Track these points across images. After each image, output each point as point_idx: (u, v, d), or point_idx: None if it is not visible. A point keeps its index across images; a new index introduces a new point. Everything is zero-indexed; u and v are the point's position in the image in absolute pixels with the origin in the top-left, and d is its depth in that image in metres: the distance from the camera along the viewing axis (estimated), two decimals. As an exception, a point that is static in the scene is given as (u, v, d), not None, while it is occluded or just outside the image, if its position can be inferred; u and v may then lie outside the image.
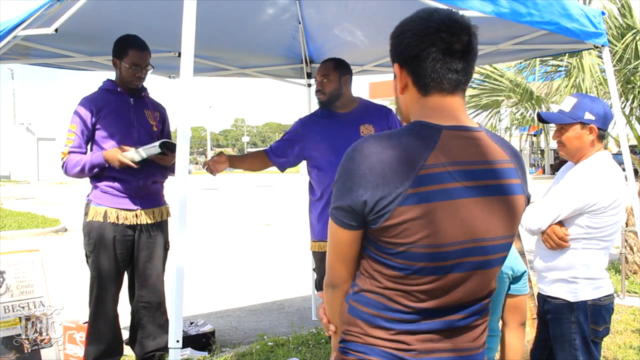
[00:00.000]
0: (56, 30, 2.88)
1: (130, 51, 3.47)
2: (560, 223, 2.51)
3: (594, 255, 2.50)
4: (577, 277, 2.49)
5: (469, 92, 6.48)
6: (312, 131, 3.71)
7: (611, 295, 2.54)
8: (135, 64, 3.49)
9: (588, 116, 2.48)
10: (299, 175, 24.63)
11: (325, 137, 3.63)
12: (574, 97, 2.56)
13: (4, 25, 3.10)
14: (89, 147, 3.55)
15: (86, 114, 3.47)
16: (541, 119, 2.67)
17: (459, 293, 1.30)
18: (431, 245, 1.24)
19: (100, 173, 3.49)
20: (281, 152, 3.77)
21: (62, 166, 3.51)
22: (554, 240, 2.50)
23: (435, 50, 1.27)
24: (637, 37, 5.50)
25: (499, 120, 6.86)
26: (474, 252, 1.28)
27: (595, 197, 2.42)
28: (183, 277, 2.33)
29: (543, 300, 2.63)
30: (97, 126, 3.50)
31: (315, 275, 3.98)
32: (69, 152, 3.47)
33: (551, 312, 2.57)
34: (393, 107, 3.77)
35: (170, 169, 3.59)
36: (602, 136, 2.54)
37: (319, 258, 3.71)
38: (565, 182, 2.54)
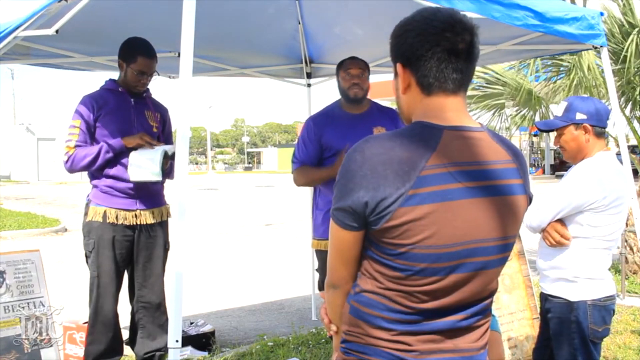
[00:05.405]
0: (57, 31, 2.88)
1: (140, 58, 3.48)
2: (562, 221, 2.52)
3: (595, 254, 2.50)
4: (578, 277, 2.50)
5: (471, 92, 6.49)
6: (326, 130, 3.65)
7: (613, 296, 2.54)
8: (142, 71, 3.51)
9: (579, 116, 2.53)
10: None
11: (339, 137, 3.59)
12: (565, 100, 2.64)
13: (5, 26, 3.10)
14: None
15: (88, 111, 3.47)
16: (541, 128, 2.75)
17: (461, 294, 1.30)
18: (433, 246, 1.24)
19: (100, 173, 3.49)
20: (315, 158, 3.69)
21: (67, 160, 3.43)
22: (554, 238, 2.51)
23: (440, 50, 1.27)
24: (637, 34, 5.49)
25: (501, 122, 6.86)
26: (476, 253, 1.28)
27: (595, 195, 2.43)
28: (183, 277, 2.33)
29: (544, 299, 2.63)
30: (97, 124, 3.49)
31: (318, 276, 3.98)
32: (75, 147, 3.44)
33: (551, 310, 2.58)
34: (394, 108, 3.76)
35: (168, 173, 3.57)
36: (599, 133, 2.56)
37: (322, 258, 3.71)
38: (566, 180, 2.56)
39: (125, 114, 3.56)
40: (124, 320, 3.72)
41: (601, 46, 3.45)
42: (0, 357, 3.37)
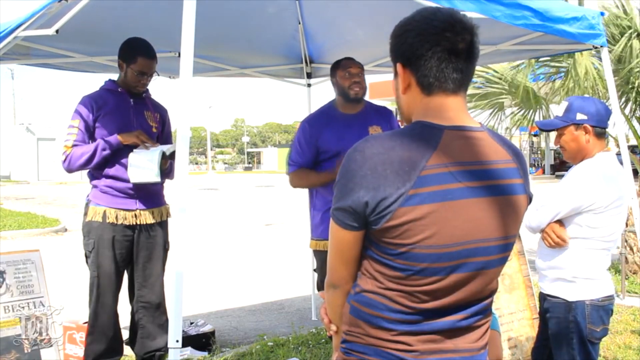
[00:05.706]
0: (57, 31, 2.88)
1: (140, 58, 3.48)
2: (561, 222, 2.52)
3: (594, 255, 2.50)
4: (576, 277, 2.50)
5: (472, 91, 6.49)
6: (322, 131, 3.65)
7: (611, 296, 2.54)
8: (142, 72, 3.51)
9: (580, 116, 2.54)
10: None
11: (336, 138, 3.59)
12: (566, 100, 2.64)
13: (5, 26, 3.10)
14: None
15: (87, 111, 3.48)
16: (541, 128, 2.77)
17: (461, 293, 1.30)
18: (433, 246, 1.24)
19: (99, 173, 3.49)
20: (312, 161, 3.68)
21: (65, 160, 3.44)
22: (552, 239, 2.52)
23: (440, 50, 1.27)
24: (634, 36, 5.49)
25: (500, 121, 6.86)
26: (476, 253, 1.28)
27: (594, 196, 2.43)
28: (183, 277, 2.33)
29: (543, 299, 2.64)
30: (97, 124, 3.49)
31: (316, 276, 3.97)
32: (73, 146, 3.44)
33: (550, 310, 2.58)
34: (394, 108, 3.76)
35: (167, 173, 3.57)
36: (600, 134, 2.56)
37: (321, 258, 3.70)
38: (565, 181, 2.56)
39: (125, 115, 3.56)
40: (124, 320, 3.72)
41: (601, 46, 3.45)
42: (0, 357, 3.37)
